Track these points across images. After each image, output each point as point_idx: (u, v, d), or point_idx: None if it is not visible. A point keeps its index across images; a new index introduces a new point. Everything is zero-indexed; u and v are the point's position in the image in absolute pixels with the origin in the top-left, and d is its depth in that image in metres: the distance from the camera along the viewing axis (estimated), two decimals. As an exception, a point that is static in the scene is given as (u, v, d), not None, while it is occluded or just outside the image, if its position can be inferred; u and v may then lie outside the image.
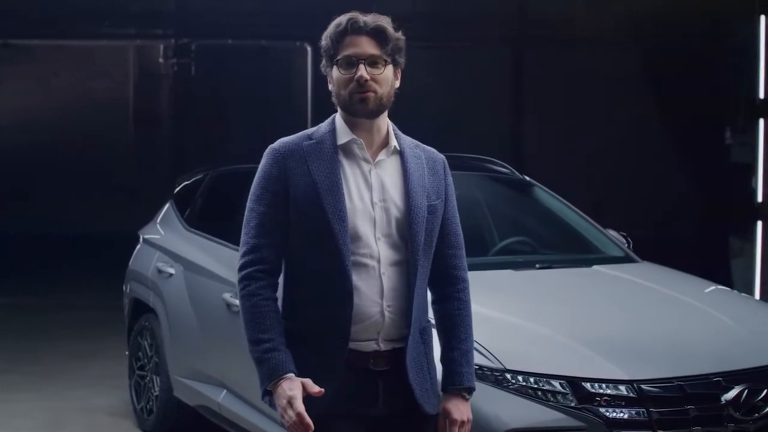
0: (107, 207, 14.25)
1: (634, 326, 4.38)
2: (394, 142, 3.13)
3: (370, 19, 3.07)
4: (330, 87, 3.13)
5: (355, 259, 3.01)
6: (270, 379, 2.95)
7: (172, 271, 6.12)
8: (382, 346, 3.03)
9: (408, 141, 3.20)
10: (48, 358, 8.23)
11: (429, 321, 3.14)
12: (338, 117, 3.14)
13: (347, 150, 3.09)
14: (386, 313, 3.02)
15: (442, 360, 3.14)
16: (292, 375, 2.93)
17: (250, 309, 3.03)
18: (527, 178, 5.83)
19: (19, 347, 8.63)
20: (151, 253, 6.49)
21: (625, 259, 5.35)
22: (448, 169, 3.24)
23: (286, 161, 3.07)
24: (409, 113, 3.33)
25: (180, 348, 5.98)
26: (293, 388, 2.91)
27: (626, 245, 5.53)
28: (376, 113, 3.08)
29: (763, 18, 10.25)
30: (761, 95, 10.34)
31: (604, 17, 11.62)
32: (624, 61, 12.11)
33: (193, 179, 6.72)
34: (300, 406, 2.88)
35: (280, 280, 3.11)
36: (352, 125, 3.10)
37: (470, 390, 3.15)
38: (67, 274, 12.28)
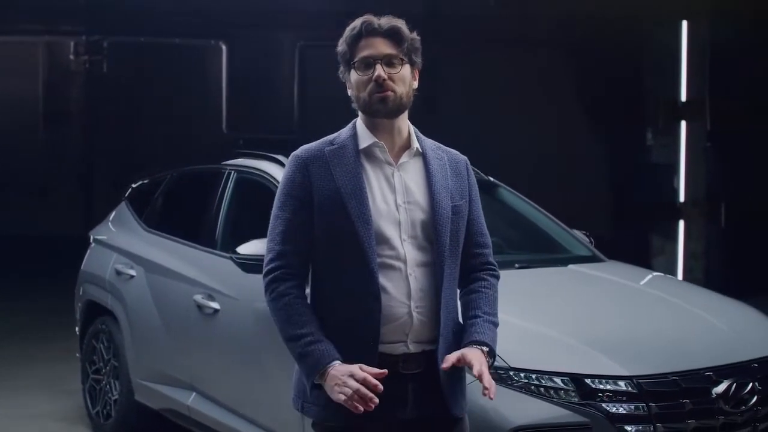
0: (15, 206, 13.93)
1: (627, 323, 4.50)
2: (416, 144, 3.15)
3: (384, 20, 3.10)
4: (349, 92, 3.14)
5: (382, 261, 3.02)
6: (317, 369, 2.94)
7: (133, 272, 6.03)
8: (411, 348, 3.04)
9: (429, 143, 3.23)
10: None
11: (460, 323, 3.17)
12: (359, 121, 3.15)
13: (369, 153, 3.10)
14: (414, 314, 3.03)
15: (464, 325, 3.10)
16: (338, 362, 2.93)
17: (283, 308, 3.03)
18: (492, 179, 5.91)
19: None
20: (107, 255, 6.38)
21: (594, 258, 5.48)
22: (471, 170, 3.27)
23: (309, 167, 3.08)
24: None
25: (143, 351, 5.90)
26: (349, 371, 2.88)
27: (591, 244, 5.66)
28: (396, 113, 3.10)
29: (685, 22, 10.59)
30: (683, 98, 10.68)
31: (528, 18, 11.80)
32: (547, 62, 12.31)
33: (149, 180, 6.62)
34: (361, 373, 2.87)
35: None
36: (373, 128, 3.11)
37: (491, 351, 3.06)
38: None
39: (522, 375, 3.98)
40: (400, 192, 3.09)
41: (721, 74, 10.37)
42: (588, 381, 3.98)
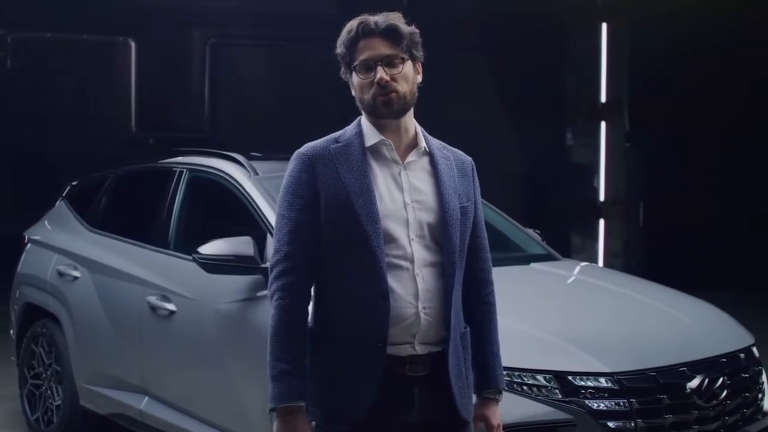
0: None
1: (602, 321, 4.54)
2: (423, 144, 3.10)
3: (380, 19, 3.03)
4: (353, 93, 3.08)
5: (389, 261, 2.97)
6: (280, 400, 2.92)
7: (76, 274, 5.86)
8: (418, 350, 2.99)
9: (435, 142, 3.19)
10: None
11: (466, 326, 3.14)
12: (364, 119, 3.09)
13: (376, 152, 3.05)
14: (422, 315, 2.99)
15: (475, 364, 3.16)
16: (302, 407, 2.93)
17: (278, 323, 2.97)
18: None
19: None
20: (47, 256, 6.19)
21: (550, 257, 5.53)
22: (475, 172, 3.25)
23: (315, 166, 3.01)
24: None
25: (89, 354, 5.73)
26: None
27: (544, 242, 5.71)
28: (401, 112, 3.05)
29: (605, 25, 10.79)
30: (603, 98, 10.88)
31: (449, 18, 11.87)
32: (468, 62, 12.39)
33: (89, 178, 6.44)
34: None
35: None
36: (379, 127, 3.05)
37: (501, 392, 3.20)
38: None
39: (505, 373, 3.98)
40: (407, 191, 3.03)
41: (641, 76, 10.59)
42: (571, 378, 4.01)
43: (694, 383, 4.21)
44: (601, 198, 10.92)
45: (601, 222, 10.85)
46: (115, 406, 5.57)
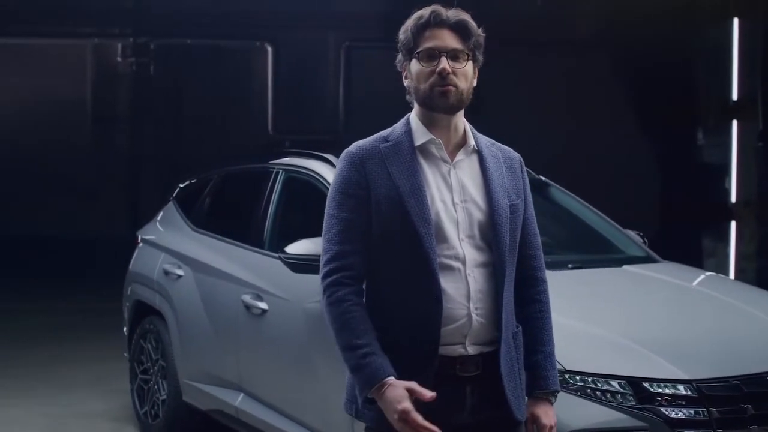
0: (65, 208, 14.02)
1: (684, 326, 4.40)
2: (472, 142, 3.07)
3: (452, 13, 3.02)
4: (406, 82, 3.06)
5: (441, 262, 2.94)
6: (371, 384, 2.87)
7: (180, 272, 6.00)
8: (470, 350, 2.96)
9: (484, 140, 3.15)
10: (31, 363, 8.05)
11: (518, 325, 3.09)
12: (413, 117, 3.07)
13: (425, 151, 3.02)
14: (474, 316, 2.95)
15: (526, 364, 3.09)
16: (393, 379, 2.85)
17: (341, 315, 2.93)
18: (543, 179, 5.82)
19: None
20: (155, 255, 6.37)
21: (648, 259, 5.37)
22: (524, 168, 3.19)
23: (365, 165, 3.00)
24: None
25: (191, 351, 5.87)
26: (401, 399, 2.82)
27: (645, 245, 5.55)
28: (455, 108, 3.01)
29: (736, 20, 10.42)
30: (734, 96, 10.51)
31: (576, 18, 11.69)
32: (597, 63, 12.19)
33: (197, 179, 6.60)
34: (418, 418, 2.80)
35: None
36: (429, 124, 3.03)
37: (556, 393, 3.11)
38: (31, 277, 12.02)
39: (578, 378, 3.90)
40: (456, 191, 3.01)
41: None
42: (646, 384, 3.90)
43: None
44: (733, 199, 10.55)
45: (733, 224, 10.48)
46: (213, 402, 5.69)
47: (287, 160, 5.72)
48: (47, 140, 14.08)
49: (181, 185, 6.72)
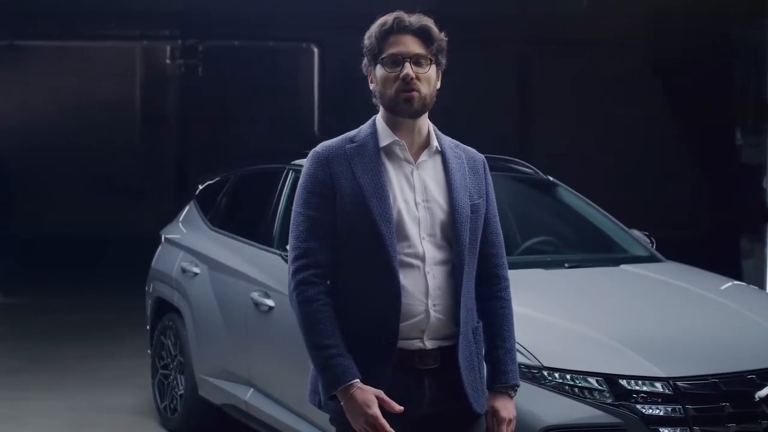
0: (114, 208, 14.29)
1: (667, 324, 4.42)
2: (435, 143, 3.15)
3: (414, 18, 3.10)
4: (372, 86, 3.15)
5: (401, 259, 3.03)
6: (336, 385, 2.96)
7: (197, 270, 6.15)
8: (428, 345, 3.05)
9: (448, 141, 3.22)
10: (61, 359, 8.25)
11: (479, 321, 3.16)
12: (379, 119, 3.16)
13: (389, 152, 3.11)
14: (432, 312, 3.04)
15: (487, 359, 3.17)
16: (359, 382, 2.95)
17: (310, 314, 3.02)
18: (550, 178, 5.86)
19: (31, 347, 8.66)
20: (174, 253, 6.53)
21: (651, 259, 5.39)
22: (488, 169, 3.26)
23: (331, 164, 3.09)
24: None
25: (205, 347, 6.01)
26: (370, 404, 2.92)
27: (650, 245, 5.57)
28: (419, 113, 3.10)
29: (774, 19, 10.33)
30: (772, 97, 10.42)
31: (613, 18, 11.65)
32: (633, 63, 12.13)
33: (216, 179, 6.75)
34: (386, 425, 2.91)
35: None
36: (393, 126, 3.12)
37: (515, 387, 3.18)
38: (76, 275, 12.30)
39: (556, 375, 3.95)
40: (419, 190, 3.09)
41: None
42: (622, 381, 3.94)
43: (764, 392, 4.03)
44: (770, 200, 10.47)
45: (770, 225, 10.40)
46: (225, 397, 5.82)
47: (299, 161, 5.82)
48: (97, 141, 14.38)
49: (201, 184, 6.87)
